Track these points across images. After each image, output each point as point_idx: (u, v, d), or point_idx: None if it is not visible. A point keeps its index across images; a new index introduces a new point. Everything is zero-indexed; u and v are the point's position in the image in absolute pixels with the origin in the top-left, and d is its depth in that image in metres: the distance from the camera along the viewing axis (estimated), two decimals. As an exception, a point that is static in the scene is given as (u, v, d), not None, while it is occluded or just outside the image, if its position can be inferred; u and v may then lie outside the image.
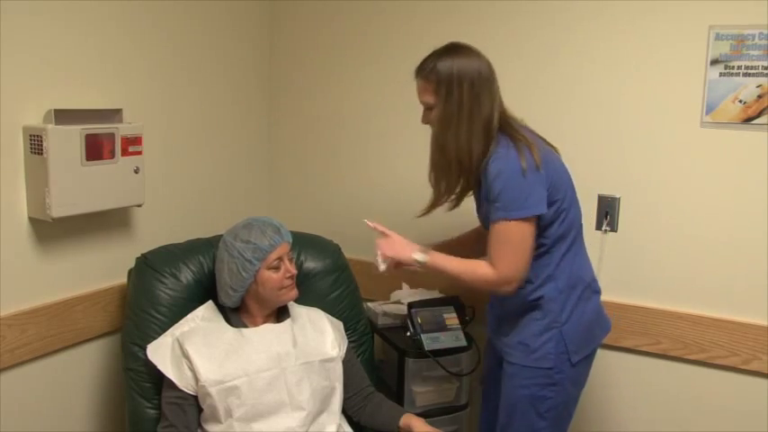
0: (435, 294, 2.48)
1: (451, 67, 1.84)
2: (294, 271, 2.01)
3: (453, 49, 1.88)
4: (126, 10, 2.16)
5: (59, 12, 1.98)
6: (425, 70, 1.88)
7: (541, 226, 1.87)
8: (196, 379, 1.87)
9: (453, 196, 1.99)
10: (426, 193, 2.47)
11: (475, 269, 1.87)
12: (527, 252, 1.84)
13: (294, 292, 2.02)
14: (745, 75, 2.07)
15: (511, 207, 1.81)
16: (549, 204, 1.85)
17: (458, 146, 1.86)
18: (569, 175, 1.96)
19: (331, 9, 2.67)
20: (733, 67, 2.08)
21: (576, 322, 1.93)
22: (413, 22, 2.53)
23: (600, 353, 2.32)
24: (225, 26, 2.57)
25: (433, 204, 1.99)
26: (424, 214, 2.01)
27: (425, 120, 1.94)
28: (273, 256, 1.96)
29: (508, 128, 1.88)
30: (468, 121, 1.84)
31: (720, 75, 2.10)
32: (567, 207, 1.91)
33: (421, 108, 1.93)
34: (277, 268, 1.97)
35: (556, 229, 1.89)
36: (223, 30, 2.57)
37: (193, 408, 1.91)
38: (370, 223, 2.04)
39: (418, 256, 1.91)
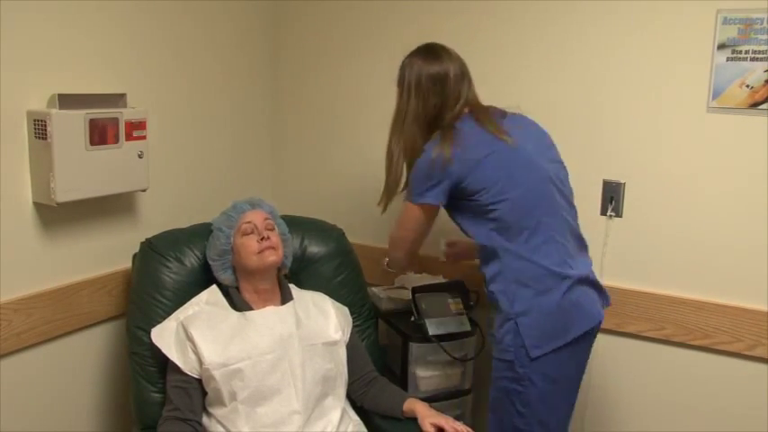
0: (440, 279, 2.48)
1: (404, 70, 1.99)
2: (265, 233, 2.00)
3: (415, 53, 2.01)
4: (129, -6, 2.16)
5: (62, -4, 1.97)
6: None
7: (469, 220, 1.97)
8: (200, 362, 1.88)
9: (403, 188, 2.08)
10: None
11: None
12: (411, 234, 2.04)
13: (275, 257, 1.99)
14: (753, 59, 2.05)
15: (411, 192, 1.98)
16: (467, 196, 1.92)
17: (402, 141, 1.99)
18: (522, 168, 1.93)
19: (336, -7, 2.66)
20: (740, 51, 2.07)
21: (535, 315, 1.90)
22: (413, 18, 2.52)
23: (603, 338, 2.33)
24: (229, 10, 2.56)
25: (385, 197, 2.09)
26: (382, 206, 2.11)
27: None
28: (243, 220, 2.01)
29: (447, 124, 1.96)
30: (412, 121, 1.97)
31: (727, 59, 2.08)
32: (501, 201, 1.90)
33: None
34: (250, 233, 2.00)
35: (494, 223, 1.91)
36: (228, 14, 2.55)
37: (198, 391, 1.92)
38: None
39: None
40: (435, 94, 1.95)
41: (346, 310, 2.17)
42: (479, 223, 1.95)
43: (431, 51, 1.99)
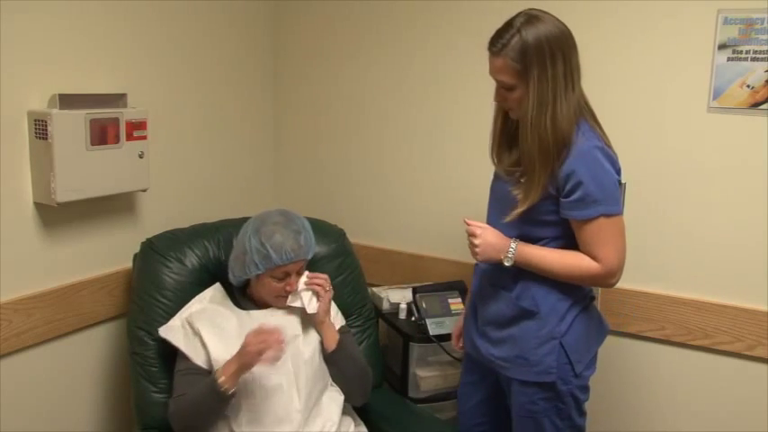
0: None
1: (539, 38, 1.59)
2: (294, 288, 1.97)
3: (535, 18, 1.62)
4: (130, -7, 2.15)
5: (63, -5, 1.97)
6: (506, 46, 1.62)
7: (564, 231, 1.76)
8: (208, 356, 1.88)
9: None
10: (427, 177, 2.47)
11: (579, 264, 1.72)
12: (625, 241, 1.74)
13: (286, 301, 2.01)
14: (753, 59, 2.05)
15: (610, 202, 1.68)
16: None
17: (555, 130, 1.63)
18: None
19: (337, -7, 2.66)
20: (741, 51, 2.07)
21: (578, 332, 1.81)
22: (413, 18, 2.52)
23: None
24: (230, 10, 2.56)
25: (524, 202, 1.71)
26: (512, 219, 1.75)
27: (500, 98, 1.72)
28: (281, 270, 1.95)
29: (588, 114, 1.72)
30: (565, 99, 1.62)
31: (728, 59, 2.08)
32: None
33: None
34: (280, 279, 1.96)
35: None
36: (229, 14, 2.55)
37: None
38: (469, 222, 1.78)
39: (508, 260, 1.74)
40: (578, 61, 1.64)
41: (339, 313, 2.17)
42: (568, 235, 1.76)
43: (543, 14, 1.65)
